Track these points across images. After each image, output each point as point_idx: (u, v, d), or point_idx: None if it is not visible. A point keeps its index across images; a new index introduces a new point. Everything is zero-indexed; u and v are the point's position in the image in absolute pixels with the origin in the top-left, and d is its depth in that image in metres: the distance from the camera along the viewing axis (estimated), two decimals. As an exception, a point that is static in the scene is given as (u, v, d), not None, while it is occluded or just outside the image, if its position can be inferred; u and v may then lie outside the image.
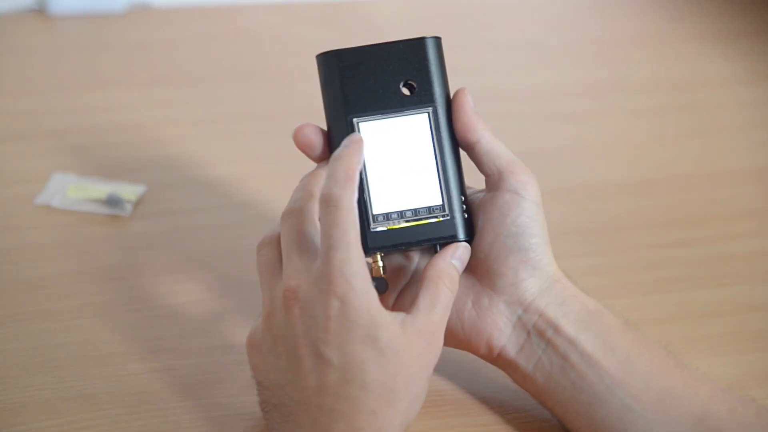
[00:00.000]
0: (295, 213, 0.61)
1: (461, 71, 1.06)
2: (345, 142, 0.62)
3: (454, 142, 0.65)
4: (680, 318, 0.76)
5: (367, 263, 0.63)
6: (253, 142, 0.96)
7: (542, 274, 0.63)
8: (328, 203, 0.58)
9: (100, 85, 1.04)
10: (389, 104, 0.64)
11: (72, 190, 0.85)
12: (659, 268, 0.81)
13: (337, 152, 0.61)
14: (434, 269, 0.61)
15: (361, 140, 0.62)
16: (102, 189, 0.85)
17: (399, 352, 0.57)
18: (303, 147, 0.64)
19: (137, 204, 0.85)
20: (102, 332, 0.71)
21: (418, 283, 0.62)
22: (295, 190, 0.62)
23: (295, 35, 1.16)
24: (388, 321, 0.57)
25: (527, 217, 0.63)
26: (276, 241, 0.62)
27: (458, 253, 0.63)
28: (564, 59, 1.15)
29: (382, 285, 0.63)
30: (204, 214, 0.85)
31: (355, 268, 0.57)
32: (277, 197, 0.76)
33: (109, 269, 0.77)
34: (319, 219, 0.59)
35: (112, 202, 0.83)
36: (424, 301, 0.60)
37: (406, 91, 0.64)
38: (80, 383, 0.67)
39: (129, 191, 0.85)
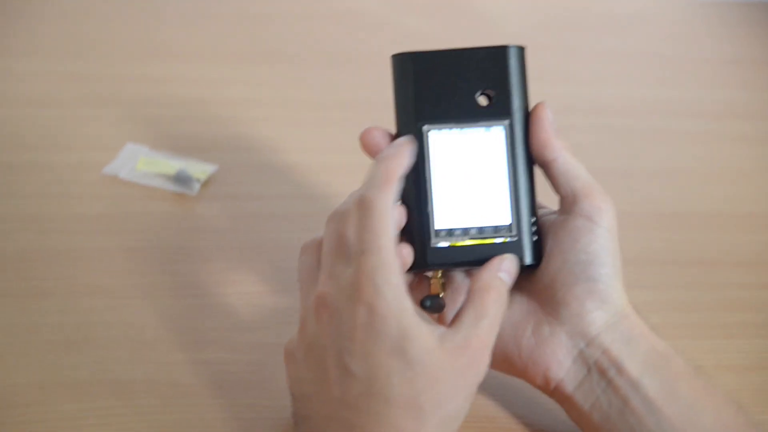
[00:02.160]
0: (340, 216, 0.59)
1: (562, 76, 1.05)
2: (392, 144, 0.60)
3: (529, 159, 0.62)
4: (762, 368, 0.72)
5: (427, 280, 0.62)
6: (334, 130, 0.94)
7: (610, 307, 0.60)
8: (362, 206, 0.57)
9: (184, 57, 1.03)
10: (463, 114, 0.62)
11: (142, 163, 0.85)
12: (745, 311, 0.77)
13: (381, 154, 0.59)
14: (480, 282, 0.59)
15: (409, 144, 0.60)
16: (172, 164, 0.85)
17: (430, 366, 0.55)
18: (369, 150, 0.63)
19: (205, 183, 0.84)
20: (149, 316, 0.71)
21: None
22: (350, 194, 0.61)
23: (396, 23, 1.14)
24: (420, 333, 0.55)
25: (599, 245, 0.60)
26: (318, 246, 0.60)
27: (504, 266, 0.60)
28: (674, 74, 1.11)
29: (436, 303, 0.61)
30: (271, 202, 0.84)
31: (387, 275, 0.55)
32: (350, 191, 0.75)
33: (167, 250, 0.77)
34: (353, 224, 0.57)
35: (181, 179, 0.83)
36: (468, 314, 0.57)
37: (482, 102, 0.62)
38: (118, 367, 0.66)
39: (199, 169, 0.84)
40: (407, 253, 0.60)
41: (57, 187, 0.84)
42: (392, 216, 0.57)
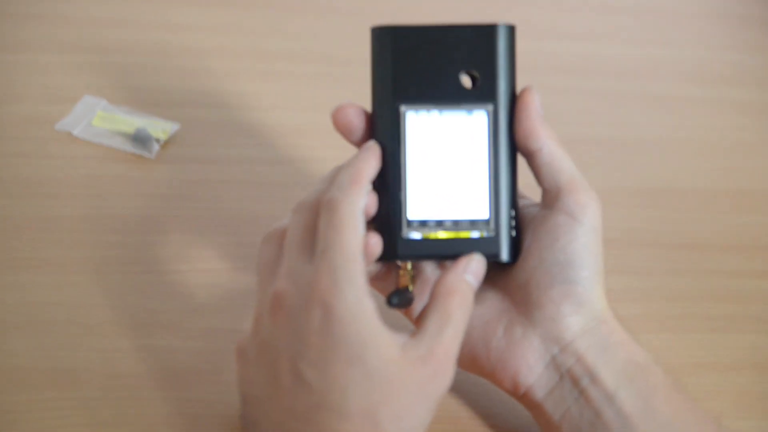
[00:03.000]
0: (307, 207, 0.56)
1: (550, 31, 1.00)
2: (360, 149, 0.57)
3: (512, 148, 0.59)
4: (751, 366, 0.69)
5: (396, 270, 0.59)
6: (310, 86, 0.88)
7: (587, 311, 0.58)
8: (329, 206, 0.54)
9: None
10: (445, 96, 0.58)
11: (99, 119, 0.80)
12: (733, 302, 0.74)
13: (349, 159, 0.57)
14: (444, 285, 0.56)
15: (377, 149, 0.57)
16: (131, 121, 0.80)
17: (390, 378, 0.52)
18: (342, 129, 0.59)
19: (166, 143, 0.80)
20: (97, 295, 0.67)
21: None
22: (317, 181, 0.57)
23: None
24: (382, 340, 0.52)
25: (580, 245, 0.57)
26: (282, 236, 0.57)
27: (472, 267, 0.57)
28: (672, 32, 1.05)
29: (404, 297, 0.58)
30: (236, 167, 0.79)
31: (350, 274, 0.52)
32: (330, 157, 0.70)
33: (121, 218, 0.73)
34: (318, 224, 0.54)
35: (140, 139, 0.78)
36: (431, 321, 0.54)
37: (466, 83, 0.59)
38: (60, 353, 0.63)
39: (159, 128, 0.80)
40: (376, 242, 0.57)
41: (1, 144, 0.79)
42: (359, 216, 0.54)
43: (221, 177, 0.78)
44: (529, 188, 0.62)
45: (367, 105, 0.59)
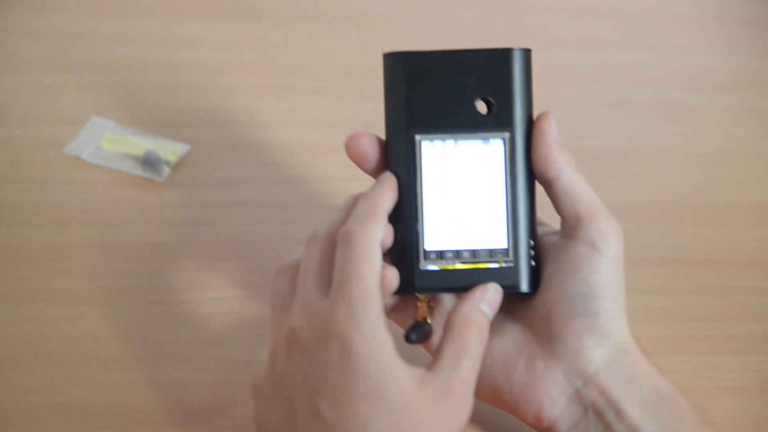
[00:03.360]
0: (321, 239, 0.55)
1: (559, 39, 0.98)
2: (377, 181, 0.56)
3: (530, 176, 0.58)
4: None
5: (414, 302, 0.58)
6: (326, 102, 0.87)
7: (611, 343, 0.57)
8: (344, 239, 0.53)
9: (154, 13, 0.96)
10: (460, 123, 0.57)
11: (107, 142, 0.79)
12: (759, 321, 0.73)
13: (365, 192, 0.56)
14: (459, 316, 0.55)
15: (393, 181, 0.56)
16: (140, 143, 0.79)
17: (411, 413, 0.51)
18: (355, 158, 0.59)
19: (177, 166, 0.79)
20: (108, 327, 0.66)
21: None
22: (332, 212, 0.56)
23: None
24: (401, 375, 0.51)
25: (602, 275, 0.56)
26: (296, 269, 0.56)
27: (487, 297, 0.56)
28: (683, 37, 1.03)
29: (423, 332, 0.57)
30: (250, 187, 0.78)
31: (368, 308, 0.51)
32: (344, 176, 0.69)
33: (132, 246, 0.72)
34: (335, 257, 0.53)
35: (149, 162, 0.77)
36: (447, 353, 0.54)
37: (481, 110, 0.57)
38: (72, 389, 0.62)
39: (169, 150, 0.79)
40: (393, 275, 0.56)
41: (9, 168, 0.78)
42: (376, 249, 0.53)
43: (233, 199, 0.77)
44: (546, 214, 0.60)
45: (380, 123, 0.58)
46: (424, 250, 0.57)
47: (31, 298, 0.67)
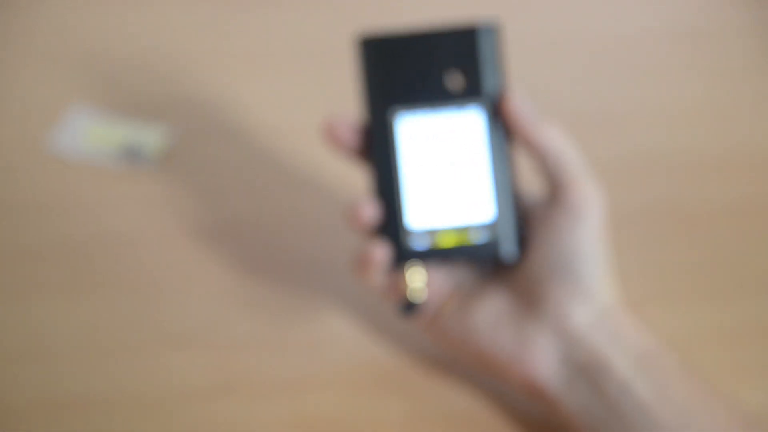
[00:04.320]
0: None
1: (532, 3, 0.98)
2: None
3: (508, 144, 0.59)
4: (746, 337, 0.69)
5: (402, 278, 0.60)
6: (306, 83, 0.87)
7: (596, 304, 0.58)
8: None
9: (141, 1, 0.95)
10: (436, 97, 0.58)
11: (89, 134, 0.79)
12: (731, 270, 0.73)
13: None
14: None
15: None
16: (122, 134, 0.79)
17: None
18: (333, 143, 0.60)
19: (160, 154, 0.79)
20: (101, 317, 0.67)
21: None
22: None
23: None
24: None
25: (584, 240, 0.58)
26: None
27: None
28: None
29: (414, 307, 0.59)
30: (237, 172, 0.78)
31: None
32: (331, 157, 0.70)
33: (120, 237, 0.72)
34: None
35: (132, 152, 0.78)
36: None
37: (455, 84, 0.59)
38: (68, 381, 0.63)
39: (152, 139, 0.79)
40: (385, 251, 0.58)
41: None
42: None
43: (219, 184, 0.77)
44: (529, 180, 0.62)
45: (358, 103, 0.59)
46: (412, 224, 0.58)
47: (23, 294, 0.68)
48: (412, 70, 0.59)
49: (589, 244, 0.58)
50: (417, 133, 0.58)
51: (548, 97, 0.84)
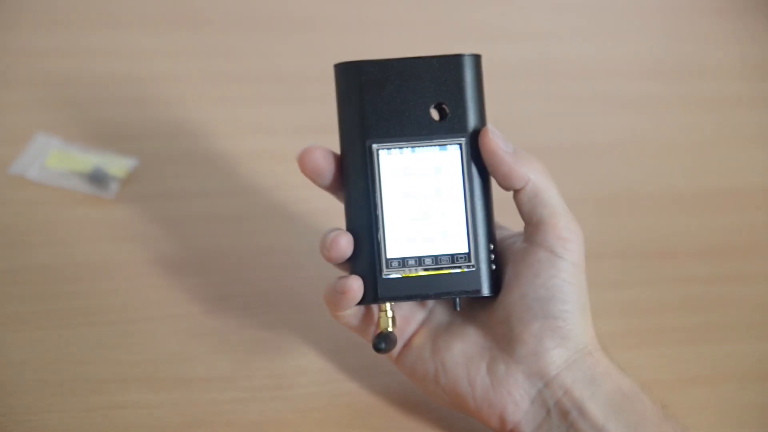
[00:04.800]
0: None
1: (505, 32, 0.98)
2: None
3: (486, 180, 0.58)
4: (735, 377, 0.69)
5: (375, 314, 0.59)
6: (269, 109, 0.86)
7: (571, 344, 0.57)
8: None
9: (95, 24, 0.94)
10: (416, 131, 0.58)
11: (53, 159, 0.78)
12: (713, 309, 0.74)
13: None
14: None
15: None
16: (87, 159, 0.78)
17: None
18: (310, 174, 0.59)
19: (125, 181, 0.78)
20: (64, 349, 0.65)
21: None
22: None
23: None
24: None
25: (562, 280, 0.57)
26: None
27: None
28: (626, 27, 1.04)
29: (388, 342, 0.57)
30: (202, 200, 0.77)
31: None
32: (301, 183, 0.68)
33: (83, 266, 0.71)
34: None
35: (97, 178, 0.76)
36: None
37: (435, 116, 0.58)
38: (31, 418, 0.61)
39: (117, 165, 0.78)
40: (358, 285, 0.57)
41: (-50, 193, 0.76)
42: None
43: (185, 213, 0.76)
44: (508, 216, 0.61)
45: (332, 127, 0.59)
46: (387, 258, 0.57)
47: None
48: (393, 98, 0.57)
49: (567, 285, 0.57)
50: (395, 165, 0.58)
51: (525, 130, 0.83)
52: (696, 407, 0.66)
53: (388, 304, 0.58)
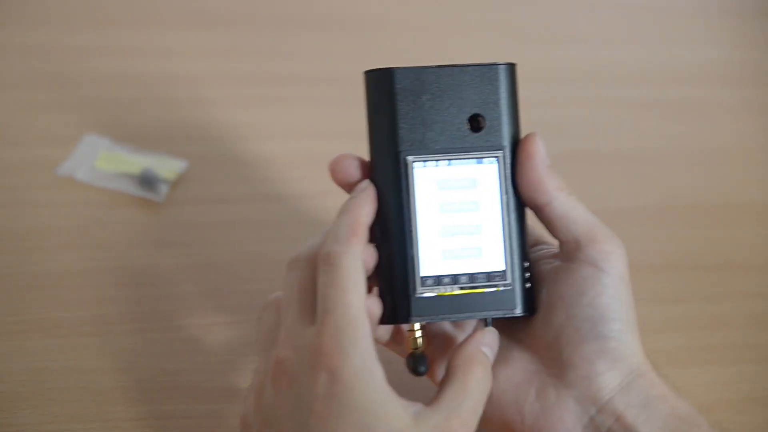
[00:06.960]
0: (302, 263, 0.54)
1: (540, 35, 0.96)
2: (354, 191, 0.55)
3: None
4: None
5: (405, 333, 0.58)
6: (333, 111, 0.86)
7: (624, 366, 0.56)
8: (326, 262, 0.52)
9: (149, 24, 0.94)
10: (452, 142, 0.56)
11: (102, 160, 0.79)
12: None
13: (343, 204, 0.55)
14: (461, 357, 0.55)
15: (371, 189, 0.56)
16: (137, 161, 0.79)
17: None
18: (340, 182, 0.58)
19: (174, 184, 0.78)
20: (108, 358, 0.66)
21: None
22: (314, 238, 0.56)
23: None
24: (392, 409, 0.50)
25: (609, 296, 0.56)
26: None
27: (486, 339, 0.56)
28: (687, 30, 1.02)
29: (420, 363, 0.57)
30: (249, 205, 0.77)
31: (355, 336, 0.50)
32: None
33: (130, 270, 0.71)
34: (317, 281, 0.52)
35: (146, 181, 0.77)
36: (449, 393, 0.53)
37: (471, 127, 0.57)
38: (74, 426, 0.62)
39: (167, 167, 0.78)
40: (378, 306, 0.56)
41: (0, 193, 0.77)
42: (361, 271, 0.53)
43: (233, 218, 0.76)
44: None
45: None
46: (420, 276, 0.56)
47: (27, 330, 0.67)
48: (427, 108, 0.56)
49: (615, 301, 0.56)
50: (430, 179, 0.56)
51: (583, 135, 0.83)
52: (761, 429, 0.65)
53: (417, 324, 0.57)
